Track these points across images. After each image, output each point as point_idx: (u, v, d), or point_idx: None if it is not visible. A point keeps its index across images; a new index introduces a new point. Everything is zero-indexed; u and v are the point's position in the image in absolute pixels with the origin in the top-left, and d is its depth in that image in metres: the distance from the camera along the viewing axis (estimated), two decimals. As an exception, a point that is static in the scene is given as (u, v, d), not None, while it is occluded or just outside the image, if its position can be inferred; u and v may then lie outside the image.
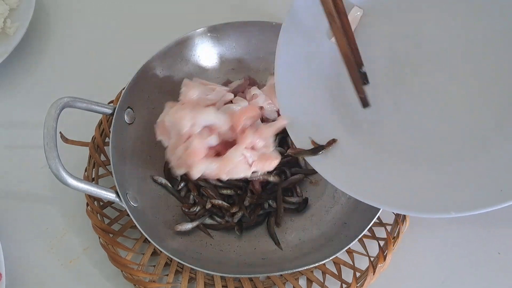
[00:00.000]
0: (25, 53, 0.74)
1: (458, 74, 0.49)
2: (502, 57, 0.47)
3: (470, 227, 0.62)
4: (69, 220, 0.62)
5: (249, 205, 0.60)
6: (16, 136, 0.68)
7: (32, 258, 0.59)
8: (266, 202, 0.60)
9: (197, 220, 0.59)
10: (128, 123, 0.61)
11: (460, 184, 0.45)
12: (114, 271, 0.57)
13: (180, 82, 0.67)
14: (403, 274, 0.59)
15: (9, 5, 0.74)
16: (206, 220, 0.60)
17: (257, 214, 0.60)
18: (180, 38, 0.64)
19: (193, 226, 0.58)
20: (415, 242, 0.61)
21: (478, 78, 0.48)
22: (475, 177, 0.45)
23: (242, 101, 0.60)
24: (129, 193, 0.56)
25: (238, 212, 0.59)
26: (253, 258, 0.57)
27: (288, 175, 0.62)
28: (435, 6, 0.50)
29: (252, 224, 0.60)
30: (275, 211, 0.60)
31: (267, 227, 0.60)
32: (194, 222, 0.59)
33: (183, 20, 0.78)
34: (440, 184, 0.46)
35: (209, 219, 0.60)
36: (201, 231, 0.60)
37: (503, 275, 0.59)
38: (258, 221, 0.60)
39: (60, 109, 0.52)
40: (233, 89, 0.65)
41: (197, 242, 0.59)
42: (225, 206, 0.60)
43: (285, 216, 0.61)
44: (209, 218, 0.60)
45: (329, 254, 0.53)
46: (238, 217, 0.59)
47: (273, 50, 0.67)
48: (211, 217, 0.60)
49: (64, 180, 0.49)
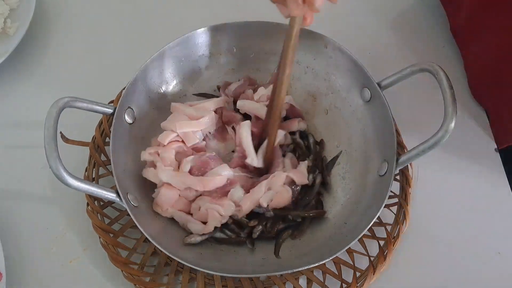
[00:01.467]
0: (25, 53, 0.74)
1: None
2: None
3: (470, 227, 0.63)
4: (69, 220, 0.62)
5: (269, 218, 0.59)
6: (16, 136, 0.68)
7: (32, 257, 0.59)
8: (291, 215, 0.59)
9: (207, 234, 0.57)
10: (129, 123, 0.61)
11: None
12: (114, 271, 0.57)
13: (180, 82, 0.67)
14: (403, 274, 0.59)
15: (9, 5, 0.74)
16: (216, 234, 0.58)
17: (278, 228, 0.58)
18: (180, 38, 0.64)
19: (202, 239, 0.57)
20: (415, 242, 0.61)
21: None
22: None
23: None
24: (130, 193, 0.56)
25: (258, 226, 0.58)
26: (253, 258, 0.57)
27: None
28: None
29: (268, 237, 0.58)
30: (297, 224, 0.59)
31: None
32: (204, 236, 0.57)
33: (183, 20, 0.78)
34: None
35: (220, 233, 0.58)
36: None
37: (503, 275, 0.60)
38: (276, 235, 0.59)
39: (60, 109, 0.52)
40: (233, 91, 0.66)
41: (197, 242, 0.59)
42: (244, 222, 0.58)
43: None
44: (220, 232, 0.58)
45: (329, 254, 0.53)
46: (258, 232, 0.58)
47: (273, 50, 0.68)
48: (222, 231, 0.58)
49: (65, 181, 0.49)
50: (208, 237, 0.58)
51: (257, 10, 0.71)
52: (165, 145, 0.60)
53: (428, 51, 0.77)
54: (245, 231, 0.58)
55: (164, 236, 0.56)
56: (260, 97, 0.64)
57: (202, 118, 0.62)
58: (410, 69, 0.57)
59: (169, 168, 0.58)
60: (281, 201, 0.58)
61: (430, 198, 0.64)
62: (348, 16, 0.80)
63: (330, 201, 0.62)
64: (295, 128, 0.65)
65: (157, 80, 0.65)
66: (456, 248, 0.61)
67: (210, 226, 0.56)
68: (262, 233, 0.58)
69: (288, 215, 0.59)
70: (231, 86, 0.66)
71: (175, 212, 0.58)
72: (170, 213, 0.58)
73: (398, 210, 0.60)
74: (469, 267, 0.60)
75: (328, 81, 0.66)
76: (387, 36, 0.79)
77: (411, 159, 0.54)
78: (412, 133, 0.64)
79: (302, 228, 0.59)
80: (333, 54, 0.65)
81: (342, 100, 0.66)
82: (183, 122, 0.60)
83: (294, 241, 0.59)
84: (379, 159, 0.59)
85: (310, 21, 0.52)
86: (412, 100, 0.71)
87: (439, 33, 0.78)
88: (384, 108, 0.59)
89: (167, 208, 0.58)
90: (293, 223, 0.59)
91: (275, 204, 0.58)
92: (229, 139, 0.64)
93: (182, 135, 0.60)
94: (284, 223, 0.59)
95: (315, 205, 0.61)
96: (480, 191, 0.65)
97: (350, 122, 0.65)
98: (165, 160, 0.59)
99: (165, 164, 0.58)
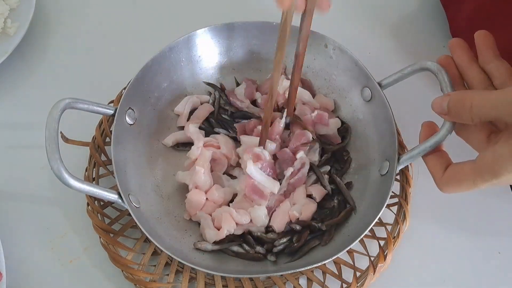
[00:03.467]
0: (25, 53, 0.74)
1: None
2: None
3: (470, 227, 0.63)
4: (70, 220, 0.62)
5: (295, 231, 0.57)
6: (16, 136, 0.68)
7: (32, 257, 0.59)
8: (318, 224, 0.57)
9: (221, 244, 0.56)
10: (130, 123, 0.61)
11: None
12: (115, 271, 0.57)
13: (180, 82, 0.67)
14: (403, 274, 0.59)
15: (9, 5, 0.74)
16: (233, 247, 0.57)
17: (305, 238, 0.57)
18: (180, 38, 0.64)
19: (213, 249, 0.56)
20: (415, 242, 0.61)
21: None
22: None
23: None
24: (131, 194, 0.56)
25: (280, 239, 0.56)
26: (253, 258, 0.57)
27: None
28: None
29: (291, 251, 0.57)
30: (323, 232, 0.58)
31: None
32: (216, 246, 0.56)
33: (184, 20, 0.78)
34: None
35: (238, 247, 0.57)
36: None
37: (503, 275, 0.60)
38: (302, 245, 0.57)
39: (61, 110, 0.52)
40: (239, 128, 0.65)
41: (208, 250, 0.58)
42: (264, 238, 0.57)
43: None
44: (237, 246, 0.57)
45: (330, 254, 0.53)
46: (280, 247, 0.56)
47: (273, 50, 0.67)
48: (241, 245, 0.57)
49: (67, 182, 0.49)
50: (224, 248, 0.57)
51: (257, 10, 0.72)
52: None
53: (429, 51, 0.77)
54: (265, 246, 0.57)
55: (166, 236, 0.56)
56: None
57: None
58: (410, 68, 0.56)
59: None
60: (308, 212, 0.58)
61: (430, 198, 0.64)
62: (348, 16, 0.80)
63: (330, 201, 0.61)
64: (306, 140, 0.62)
65: (158, 80, 0.65)
66: (456, 248, 0.61)
67: (223, 231, 0.56)
68: (287, 247, 0.57)
69: (316, 224, 0.57)
70: (237, 90, 0.67)
71: (202, 215, 0.59)
72: (198, 217, 0.59)
73: (398, 210, 0.60)
74: (469, 267, 0.60)
75: (329, 81, 0.67)
76: (387, 36, 0.79)
77: (413, 158, 0.54)
78: (412, 133, 0.64)
79: (330, 232, 0.58)
80: (334, 53, 0.65)
81: (342, 100, 0.66)
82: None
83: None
84: (380, 159, 0.60)
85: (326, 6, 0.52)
86: (412, 100, 0.71)
87: (440, 34, 0.78)
88: (385, 107, 0.59)
89: (196, 213, 0.59)
90: (319, 232, 0.58)
91: (304, 217, 0.58)
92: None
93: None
94: (311, 233, 0.58)
95: (337, 209, 0.60)
96: (480, 191, 0.65)
97: (351, 121, 0.65)
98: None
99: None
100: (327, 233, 0.58)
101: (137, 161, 0.61)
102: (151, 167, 0.62)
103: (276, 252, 0.57)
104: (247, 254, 0.57)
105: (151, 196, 0.60)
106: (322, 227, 0.57)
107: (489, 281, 0.59)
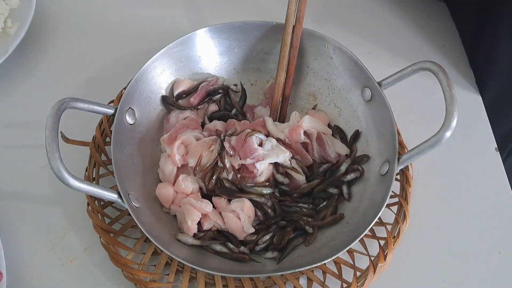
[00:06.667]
0: (25, 53, 0.74)
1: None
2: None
3: (470, 227, 0.63)
4: (70, 220, 0.62)
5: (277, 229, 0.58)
6: (16, 136, 0.68)
7: (33, 257, 0.59)
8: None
9: (201, 241, 0.57)
10: (130, 123, 0.61)
11: None
12: (115, 270, 0.57)
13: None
14: (403, 274, 0.59)
15: (10, 5, 0.74)
16: (216, 246, 0.57)
17: (289, 237, 0.57)
18: (180, 38, 0.64)
19: (193, 243, 0.56)
20: (415, 242, 0.61)
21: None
22: None
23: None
24: (131, 193, 0.56)
25: (263, 237, 0.57)
26: (253, 258, 0.57)
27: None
28: None
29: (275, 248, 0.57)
30: (306, 232, 0.58)
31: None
32: (196, 241, 0.57)
33: (184, 21, 0.78)
34: None
35: (220, 246, 0.57)
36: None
37: (503, 275, 0.60)
38: (286, 244, 0.57)
39: (61, 110, 0.52)
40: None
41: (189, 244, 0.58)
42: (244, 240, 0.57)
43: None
44: (221, 245, 0.57)
45: (330, 254, 0.53)
46: (263, 244, 0.57)
47: (273, 50, 0.68)
48: (224, 244, 0.57)
49: (67, 182, 0.49)
50: (205, 245, 0.57)
51: (257, 10, 0.72)
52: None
53: (429, 51, 0.77)
54: (248, 245, 0.57)
55: (166, 236, 0.56)
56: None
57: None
58: (410, 68, 0.57)
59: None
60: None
61: (430, 198, 0.64)
62: (348, 16, 0.80)
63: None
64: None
65: (158, 80, 0.65)
66: (456, 248, 0.61)
67: (193, 223, 0.56)
68: (269, 246, 0.57)
69: (305, 226, 0.58)
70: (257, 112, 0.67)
71: (176, 209, 0.59)
72: (173, 211, 0.59)
73: (398, 209, 0.60)
74: (469, 267, 0.60)
75: (329, 81, 0.67)
76: (387, 36, 0.79)
77: (413, 158, 0.54)
78: (412, 133, 0.64)
79: (313, 233, 0.58)
80: (334, 54, 0.65)
81: (342, 100, 0.66)
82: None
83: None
84: (380, 158, 0.60)
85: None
86: (412, 100, 0.71)
87: (440, 33, 0.78)
88: (385, 107, 0.59)
89: (169, 206, 0.59)
90: (303, 231, 0.58)
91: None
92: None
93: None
94: (295, 231, 0.58)
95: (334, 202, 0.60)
96: (480, 191, 0.65)
97: (351, 121, 0.65)
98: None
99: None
100: (311, 234, 0.58)
101: (137, 161, 0.60)
102: (151, 166, 0.62)
103: (266, 250, 0.57)
104: (230, 254, 0.56)
105: (151, 196, 0.60)
106: (309, 229, 0.57)
107: (489, 281, 0.59)
